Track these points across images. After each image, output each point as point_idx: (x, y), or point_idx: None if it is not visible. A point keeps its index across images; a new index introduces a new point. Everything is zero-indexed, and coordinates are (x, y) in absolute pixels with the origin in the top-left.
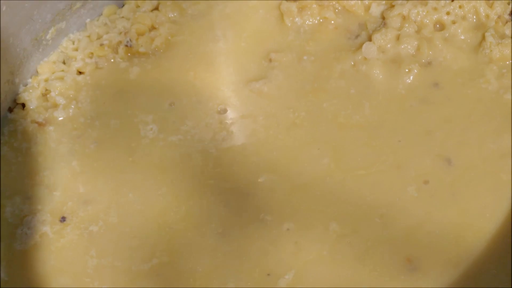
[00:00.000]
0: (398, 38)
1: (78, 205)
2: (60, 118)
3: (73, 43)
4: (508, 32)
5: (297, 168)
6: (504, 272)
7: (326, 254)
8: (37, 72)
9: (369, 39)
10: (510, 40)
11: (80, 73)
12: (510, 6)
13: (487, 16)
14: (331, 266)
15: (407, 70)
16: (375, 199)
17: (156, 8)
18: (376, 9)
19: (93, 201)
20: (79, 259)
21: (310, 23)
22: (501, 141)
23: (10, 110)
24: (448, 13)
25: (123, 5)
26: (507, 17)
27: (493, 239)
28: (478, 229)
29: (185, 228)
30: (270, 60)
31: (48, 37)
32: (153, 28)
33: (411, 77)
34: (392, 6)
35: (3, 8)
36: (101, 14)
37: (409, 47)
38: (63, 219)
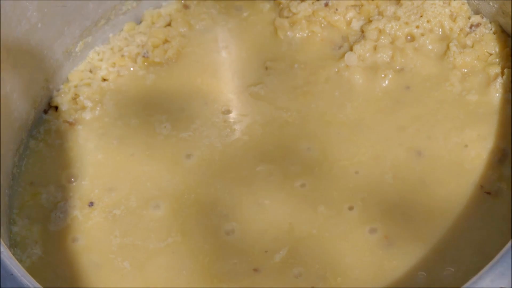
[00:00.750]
0: (375, 48)
1: (103, 192)
2: (87, 118)
3: (98, 55)
4: (469, 42)
5: (289, 160)
6: (466, 247)
7: (315, 232)
8: (67, 79)
9: (351, 49)
10: (471, 50)
11: (104, 80)
12: (470, 20)
13: (451, 29)
14: (319, 243)
15: (383, 75)
16: (357, 185)
17: (169, 24)
18: (356, 24)
19: (116, 188)
20: (105, 238)
21: (300, 36)
22: (463, 135)
23: (45, 112)
24: (417, 27)
25: (141, 22)
26: (468, 30)
27: (457, 219)
28: (444, 211)
29: (195, 212)
30: (266, 68)
31: (77, 49)
32: (166, 41)
33: (386, 81)
34: (370, 21)
35: (39, 25)
36: (122, 30)
37: (384, 55)
38: (91, 204)
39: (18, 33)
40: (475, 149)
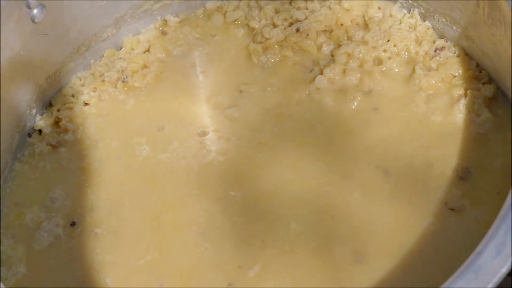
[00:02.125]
0: (344, 71)
1: (85, 212)
2: (70, 141)
3: (80, 80)
4: (434, 65)
5: (263, 179)
6: (432, 261)
7: (287, 249)
8: (51, 104)
9: (321, 72)
10: (435, 72)
11: (86, 104)
12: (435, 44)
13: (417, 52)
14: (291, 258)
15: (352, 98)
16: (327, 203)
17: (148, 50)
18: (326, 48)
19: (97, 208)
20: (87, 256)
21: (273, 60)
22: (428, 154)
23: (29, 135)
24: (384, 51)
25: (121, 48)
26: (432, 53)
27: (422, 235)
28: (410, 227)
29: (172, 230)
30: (241, 91)
31: (59, 75)
32: (145, 66)
33: (355, 103)
34: (339, 46)
35: (22, 53)
36: (103, 56)
37: (353, 78)
38: (73, 223)
39: (1, 61)
40: (440, 168)
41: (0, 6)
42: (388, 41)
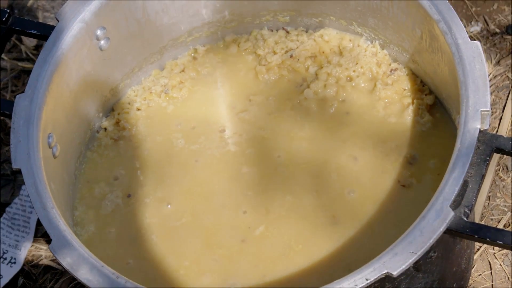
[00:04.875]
0: (325, 86)
1: (137, 187)
2: (126, 136)
3: (134, 92)
4: (389, 81)
5: (266, 163)
6: (390, 224)
7: (284, 214)
8: (113, 109)
9: (308, 87)
10: (391, 86)
11: (138, 109)
12: (390, 66)
13: (377, 72)
14: (286, 222)
15: (330, 105)
16: (313, 181)
17: (183, 71)
18: (312, 69)
19: (146, 184)
20: (138, 219)
21: (273, 78)
22: (386, 146)
23: (97, 132)
24: (354, 71)
25: (163, 69)
26: (388, 73)
27: (382, 203)
28: (373, 198)
29: (200, 200)
30: (250, 100)
31: (119, 88)
32: (181, 82)
33: (333, 109)
34: (321, 67)
35: (92, 72)
36: (151, 74)
37: (331, 91)
38: (129, 195)
39: (77, 78)
40: (394, 155)
41: (77, 38)
42: (357, 64)
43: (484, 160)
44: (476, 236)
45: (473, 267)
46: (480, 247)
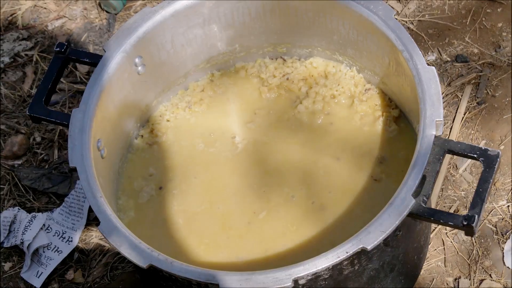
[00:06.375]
0: (314, 102)
1: (167, 181)
2: (158, 142)
3: (164, 107)
4: (364, 98)
5: (268, 162)
6: (366, 209)
7: (282, 202)
8: (148, 121)
9: (301, 103)
10: (365, 102)
11: (167, 121)
12: (365, 86)
13: (355, 91)
14: (284, 208)
15: (318, 117)
16: (305, 177)
17: (203, 90)
18: (304, 89)
19: (174, 179)
20: (168, 207)
21: (273, 96)
22: (362, 149)
23: (136, 138)
24: (336, 90)
25: (187, 89)
26: (363, 92)
27: (360, 194)
28: (353, 190)
29: (216, 191)
30: (255, 113)
31: (153, 105)
32: (201, 99)
33: (320, 120)
34: (311, 88)
35: (131, 91)
36: (177, 93)
37: (319, 106)
38: (160, 188)
39: (120, 96)
40: (368, 157)
41: (120, 65)
42: (338, 85)
43: (438, 159)
44: (432, 218)
45: (429, 244)
46: (435, 227)
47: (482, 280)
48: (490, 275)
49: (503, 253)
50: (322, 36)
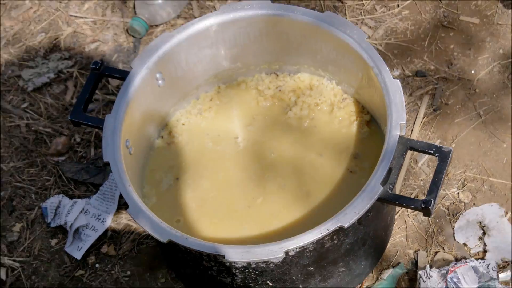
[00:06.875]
0: (301, 109)
1: (182, 173)
2: (175, 142)
3: (180, 113)
4: (342, 106)
5: (264, 158)
6: (344, 195)
7: (275, 190)
8: (166, 124)
9: (290, 110)
10: (343, 109)
11: (183, 124)
12: (342, 96)
13: (334, 100)
14: (277, 195)
15: (304, 121)
16: (294, 169)
17: (211, 100)
18: (293, 99)
19: (188, 171)
20: (183, 194)
21: (268, 104)
22: (339, 147)
23: (157, 138)
24: (319, 100)
25: (199, 99)
26: (341, 100)
27: (338, 183)
28: (333, 180)
29: (222, 181)
30: (254, 118)
31: (171, 111)
32: (210, 107)
33: (306, 124)
34: (299, 97)
35: (153, 102)
36: (191, 102)
37: (305, 112)
38: (177, 178)
39: (144, 105)
40: (345, 153)
41: (144, 79)
42: (321, 95)
43: (402, 155)
44: (396, 202)
45: (394, 223)
46: (399, 210)
47: (436, 252)
48: (443, 248)
49: (453, 230)
50: (307, 56)
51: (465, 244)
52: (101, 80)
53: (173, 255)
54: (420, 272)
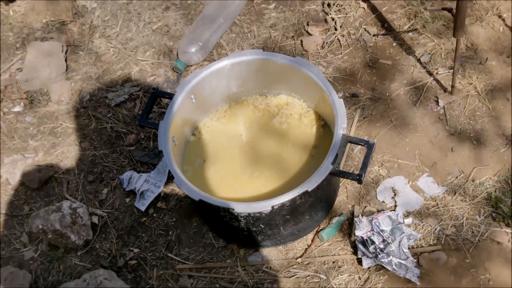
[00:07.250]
0: (281, 117)
1: (207, 157)
2: (203, 138)
3: (206, 121)
4: (307, 115)
5: (258, 149)
6: (303, 174)
7: (265, 168)
8: (197, 127)
9: (274, 117)
10: (307, 118)
11: (207, 127)
12: (307, 109)
13: (301, 112)
14: (268, 170)
15: (283, 125)
16: (277, 156)
17: (225, 111)
18: (276, 111)
19: (210, 158)
20: (209, 174)
21: (261, 114)
22: (306, 141)
23: (191, 136)
24: (292, 111)
25: (217, 111)
26: (306, 113)
27: (302, 166)
28: (298, 164)
29: (232, 166)
30: (252, 123)
31: (200, 119)
32: (224, 116)
33: (284, 126)
34: (280, 110)
35: (188, 113)
36: (212, 113)
37: (284, 120)
38: (204, 161)
39: (183, 115)
40: (309, 145)
41: (183, 99)
42: (293, 108)
43: (344, 146)
44: (341, 175)
45: (339, 188)
46: (343, 180)
47: (365, 207)
48: (369, 204)
49: (376, 192)
50: (285, 84)
51: (383, 201)
52: (157, 99)
53: (201, 208)
54: (355, 219)
